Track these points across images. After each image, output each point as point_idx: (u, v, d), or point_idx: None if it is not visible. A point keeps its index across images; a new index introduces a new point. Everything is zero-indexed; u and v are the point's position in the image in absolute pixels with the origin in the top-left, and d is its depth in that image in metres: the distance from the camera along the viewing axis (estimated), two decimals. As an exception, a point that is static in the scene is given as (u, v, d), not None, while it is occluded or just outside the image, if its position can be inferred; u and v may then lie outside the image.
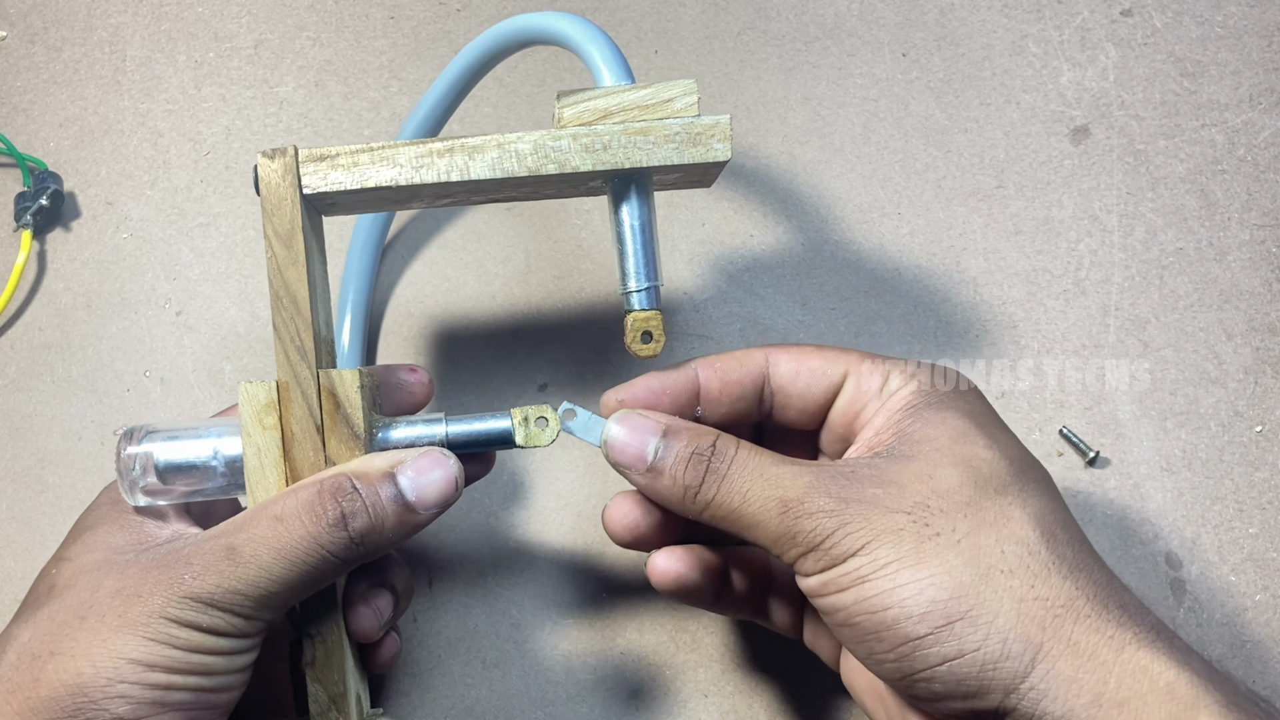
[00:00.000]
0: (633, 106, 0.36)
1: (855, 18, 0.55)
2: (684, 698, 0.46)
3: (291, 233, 0.35)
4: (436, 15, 0.57)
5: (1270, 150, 0.52)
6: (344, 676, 0.36)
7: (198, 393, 0.51)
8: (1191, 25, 0.54)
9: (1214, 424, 0.48)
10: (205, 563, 0.33)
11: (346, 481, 0.34)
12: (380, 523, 0.34)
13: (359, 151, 0.36)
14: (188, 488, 0.36)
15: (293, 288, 0.36)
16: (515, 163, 0.36)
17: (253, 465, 0.35)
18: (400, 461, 0.35)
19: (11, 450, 0.51)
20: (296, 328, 0.35)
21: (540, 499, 0.49)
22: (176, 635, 0.32)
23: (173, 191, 0.54)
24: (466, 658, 0.47)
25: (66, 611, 0.33)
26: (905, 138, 0.53)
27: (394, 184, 0.36)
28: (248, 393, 0.35)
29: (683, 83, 0.36)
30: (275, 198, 0.36)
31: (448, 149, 0.36)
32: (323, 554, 0.33)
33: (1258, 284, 0.50)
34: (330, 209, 0.39)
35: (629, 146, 0.36)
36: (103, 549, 0.36)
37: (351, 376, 0.35)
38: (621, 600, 0.47)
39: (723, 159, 0.36)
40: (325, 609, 0.36)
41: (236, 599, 0.33)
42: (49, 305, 0.53)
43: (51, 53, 0.57)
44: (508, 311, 0.52)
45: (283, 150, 0.36)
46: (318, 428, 0.35)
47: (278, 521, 0.33)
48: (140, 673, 0.32)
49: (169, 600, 0.32)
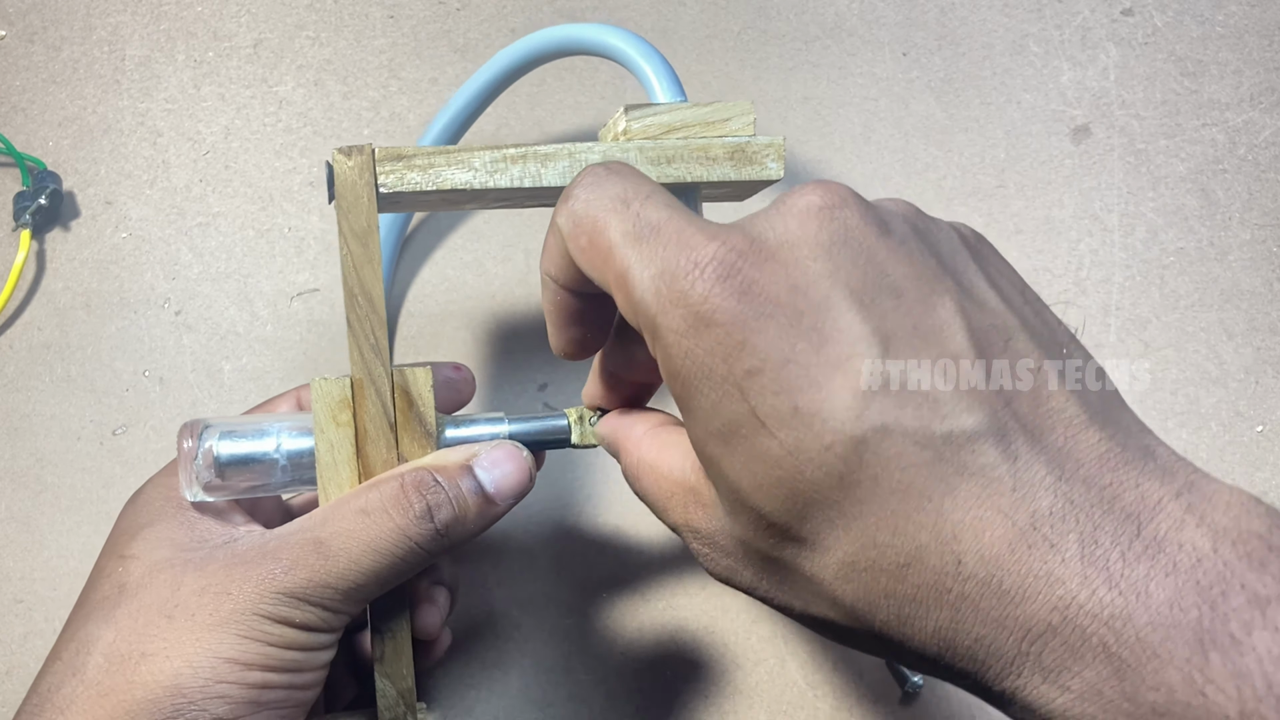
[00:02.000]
0: (696, 123, 0.37)
1: (855, 17, 0.55)
2: (684, 698, 0.46)
3: (368, 231, 0.36)
4: (436, 15, 0.56)
5: (1271, 150, 0.51)
6: (411, 672, 0.37)
7: (197, 392, 0.51)
8: (1192, 24, 0.54)
9: (1215, 424, 0.48)
10: (294, 557, 0.33)
11: (428, 476, 0.34)
12: (464, 514, 0.34)
13: (434, 154, 0.36)
14: (248, 483, 0.36)
15: (368, 285, 0.36)
16: None
17: (325, 460, 0.35)
18: (475, 455, 0.35)
19: (10, 450, 0.51)
20: (371, 325, 0.36)
21: (540, 498, 0.49)
22: (271, 632, 0.32)
23: (172, 191, 0.54)
24: (467, 657, 0.47)
25: (150, 610, 0.32)
26: (906, 137, 0.53)
27: (468, 187, 0.36)
28: (322, 389, 0.35)
29: (741, 104, 0.38)
30: (352, 195, 0.36)
31: (521, 155, 0.36)
32: (410, 545, 0.33)
33: (1259, 284, 0.50)
34: (390, 207, 0.39)
35: (691, 161, 0.37)
36: (169, 546, 0.35)
37: (425, 375, 0.36)
38: (622, 600, 0.47)
39: (775, 178, 0.37)
40: (396, 605, 0.37)
41: (327, 593, 0.32)
42: (48, 305, 0.53)
43: (50, 52, 0.57)
44: (508, 311, 0.52)
45: (359, 148, 0.36)
46: (391, 425, 0.36)
47: (364, 515, 0.33)
48: (238, 672, 0.31)
49: (261, 596, 0.32)
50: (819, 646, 0.46)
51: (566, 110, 0.54)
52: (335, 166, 0.36)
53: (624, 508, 0.48)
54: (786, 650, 0.46)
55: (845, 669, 0.46)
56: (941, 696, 0.45)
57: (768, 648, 0.46)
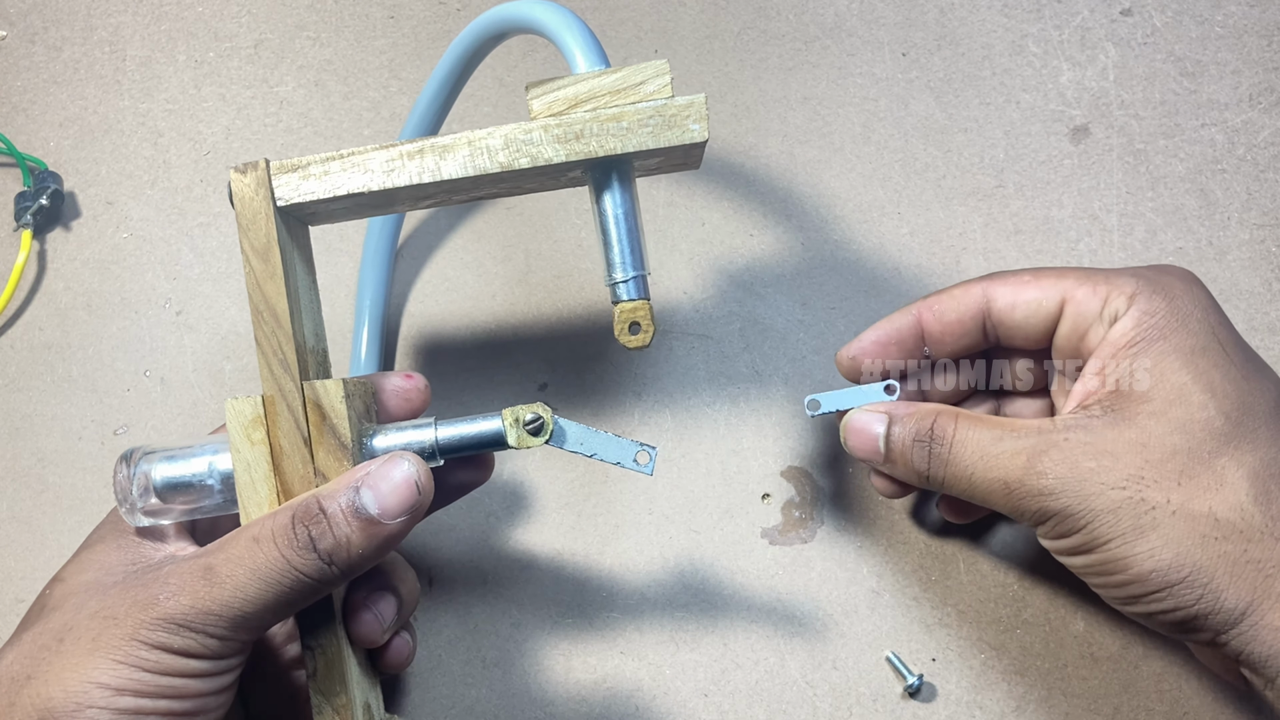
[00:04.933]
0: (604, 92, 0.35)
1: (855, 17, 0.55)
2: (684, 697, 0.46)
3: (268, 246, 0.35)
4: (436, 15, 0.57)
5: (1270, 150, 0.52)
6: (346, 687, 0.35)
7: (198, 392, 0.51)
8: (1191, 25, 0.54)
9: (1214, 423, 0.48)
10: (181, 583, 0.33)
11: (314, 503, 0.34)
12: (345, 541, 0.33)
13: (329, 159, 0.35)
14: (186, 506, 0.36)
15: (272, 301, 0.35)
16: (487, 159, 0.35)
17: (243, 480, 0.35)
18: (367, 474, 0.34)
19: (11, 450, 0.51)
20: (278, 341, 0.35)
21: (540, 498, 0.49)
22: (146, 658, 0.32)
23: (173, 191, 0.54)
24: (466, 657, 0.47)
25: (48, 634, 0.33)
26: (905, 137, 0.53)
27: (366, 190, 0.35)
28: (234, 409, 0.35)
29: (654, 64, 0.35)
30: (249, 212, 0.35)
31: (417, 150, 0.35)
32: (297, 576, 0.33)
33: (1257, 283, 0.50)
34: (311, 219, 0.39)
35: (602, 134, 0.35)
36: (95, 569, 0.36)
37: (335, 387, 0.35)
38: (622, 600, 0.47)
39: (700, 139, 0.35)
40: (323, 620, 0.36)
41: (210, 620, 0.32)
42: (49, 305, 0.53)
43: (52, 52, 0.57)
44: (508, 311, 0.52)
45: (254, 164, 0.35)
46: (305, 440, 0.35)
47: (255, 543, 0.33)
48: (109, 697, 0.31)
49: (141, 623, 0.32)
50: (819, 646, 0.46)
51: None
52: (233, 184, 0.35)
53: (624, 507, 0.48)
54: (786, 650, 0.46)
55: (845, 669, 0.46)
56: (942, 696, 0.45)
57: (768, 648, 0.46)
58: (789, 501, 0.48)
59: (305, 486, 0.35)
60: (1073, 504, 0.35)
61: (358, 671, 0.37)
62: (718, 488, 0.49)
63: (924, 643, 0.46)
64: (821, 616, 0.47)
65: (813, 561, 0.47)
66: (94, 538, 0.38)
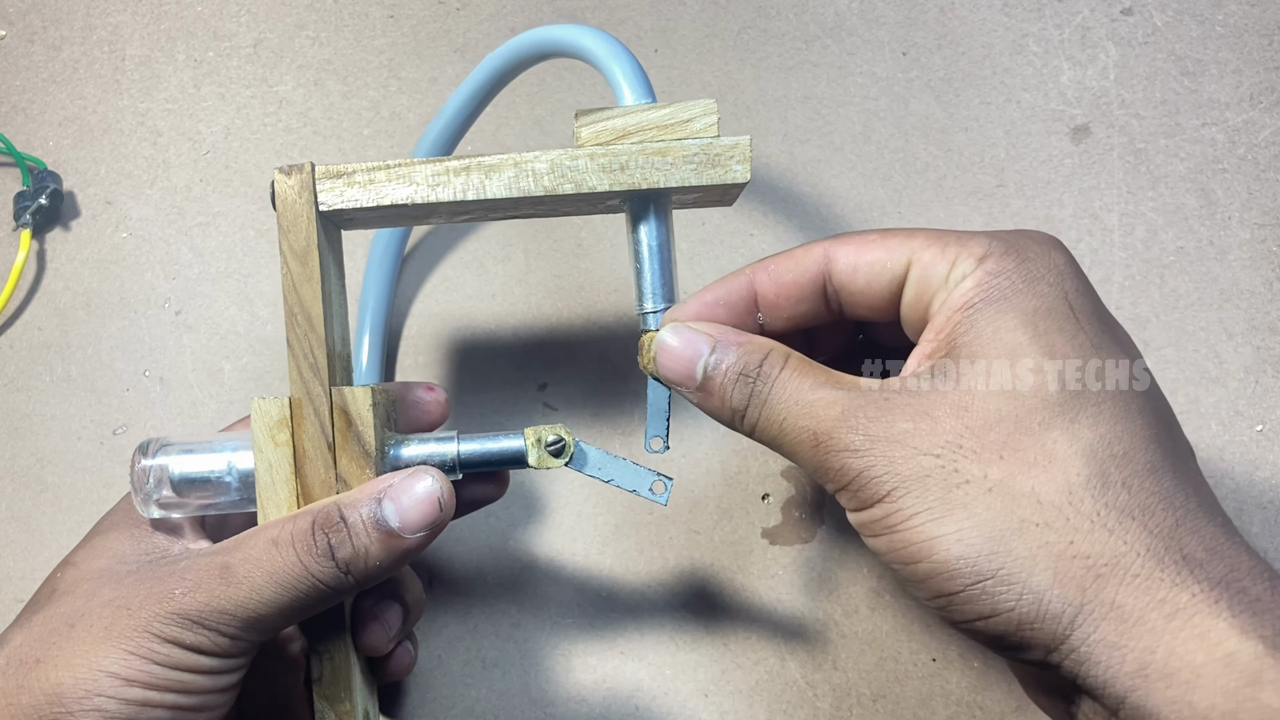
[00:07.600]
0: (651, 126, 0.36)
1: (855, 16, 0.55)
2: (684, 697, 0.46)
3: (307, 250, 0.35)
4: (436, 14, 0.56)
5: (1271, 149, 0.51)
6: (350, 694, 0.36)
7: (197, 392, 0.51)
8: (1192, 24, 0.54)
9: (1214, 423, 0.48)
10: (197, 579, 0.33)
11: (335, 511, 0.33)
12: (364, 552, 0.33)
13: (375, 169, 0.36)
14: (201, 501, 0.36)
15: (307, 304, 0.35)
16: (532, 182, 0.36)
17: (264, 481, 0.35)
18: (390, 486, 0.34)
19: (11, 450, 0.51)
20: (310, 344, 0.35)
21: (540, 499, 0.49)
22: (158, 651, 0.32)
23: (172, 191, 0.54)
24: (466, 657, 0.47)
25: (59, 619, 0.33)
26: (905, 136, 0.53)
27: (410, 202, 0.36)
28: (260, 408, 0.35)
29: (702, 103, 0.36)
30: (291, 214, 0.35)
31: (464, 167, 0.36)
32: (313, 582, 0.33)
33: (1258, 283, 0.50)
34: (348, 224, 0.39)
35: (646, 167, 0.35)
36: (108, 556, 0.35)
37: (364, 394, 0.35)
38: (621, 599, 0.47)
39: (741, 181, 0.36)
40: (333, 626, 0.36)
41: (224, 618, 0.32)
42: (48, 305, 0.53)
43: (51, 52, 0.57)
44: (508, 311, 0.52)
45: (299, 166, 0.35)
46: (329, 445, 0.35)
47: (274, 546, 0.33)
48: (118, 686, 0.31)
49: (156, 615, 0.32)
50: (818, 646, 0.46)
51: (566, 110, 0.54)
52: (276, 185, 0.35)
53: (624, 507, 0.48)
54: (786, 650, 0.46)
55: (845, 669, 0.46)
56: (942, 696, 0.45)
57: (768, 647, 0.46)
58: (789, 501, 0.48)
59: (326, 491, 0.35)
60: (876, 464, 0.30)
61: (360, 679, 0.37)
62: (718, 488, 0.48)
63: (924, 643, 0.46)
64: (821, 616, 0.47)
65: (813, 561, 0.47)
66: (106, 524, 0.37)
